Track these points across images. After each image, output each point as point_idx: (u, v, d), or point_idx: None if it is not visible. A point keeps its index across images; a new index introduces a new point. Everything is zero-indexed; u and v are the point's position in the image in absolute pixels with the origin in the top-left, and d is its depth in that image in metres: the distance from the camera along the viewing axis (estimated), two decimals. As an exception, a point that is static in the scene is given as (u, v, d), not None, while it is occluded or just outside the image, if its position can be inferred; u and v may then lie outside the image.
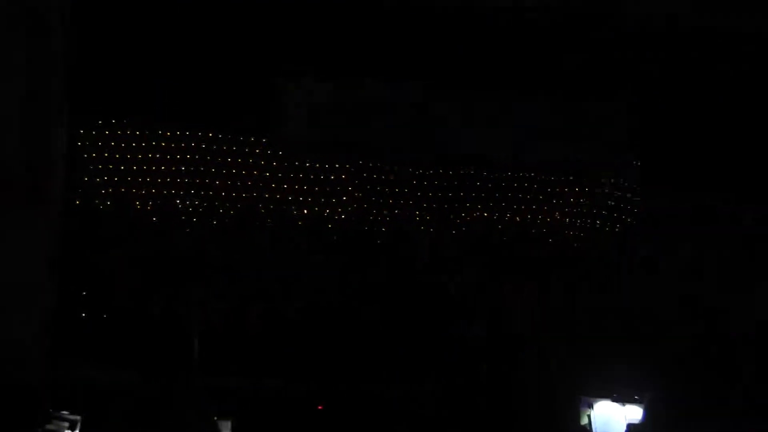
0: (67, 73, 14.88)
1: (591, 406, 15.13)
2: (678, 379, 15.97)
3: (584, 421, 15.49)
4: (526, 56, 16.89)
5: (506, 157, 17.96)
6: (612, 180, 19.12)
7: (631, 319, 17.26)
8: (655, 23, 16.08)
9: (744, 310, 17.17)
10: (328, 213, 19.26)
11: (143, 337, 16.07)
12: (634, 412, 14.56)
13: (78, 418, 12.45)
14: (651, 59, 16.88)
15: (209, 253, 17.41)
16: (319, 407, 14.89)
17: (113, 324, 16.52)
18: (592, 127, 17.90)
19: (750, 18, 15.99)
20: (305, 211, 19.13)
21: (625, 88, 17.32)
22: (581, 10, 15.84)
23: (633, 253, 18.59)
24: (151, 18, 15.80)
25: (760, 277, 17.79)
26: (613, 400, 15.55)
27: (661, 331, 17.06)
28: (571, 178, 19.42)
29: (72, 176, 16.24)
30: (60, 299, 14.99)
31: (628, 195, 19.71)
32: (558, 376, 16.47)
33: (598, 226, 19.75)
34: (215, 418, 12.86)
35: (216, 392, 14.26)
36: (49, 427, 11.97)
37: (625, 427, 14.13)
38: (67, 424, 12.01)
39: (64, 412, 12.77)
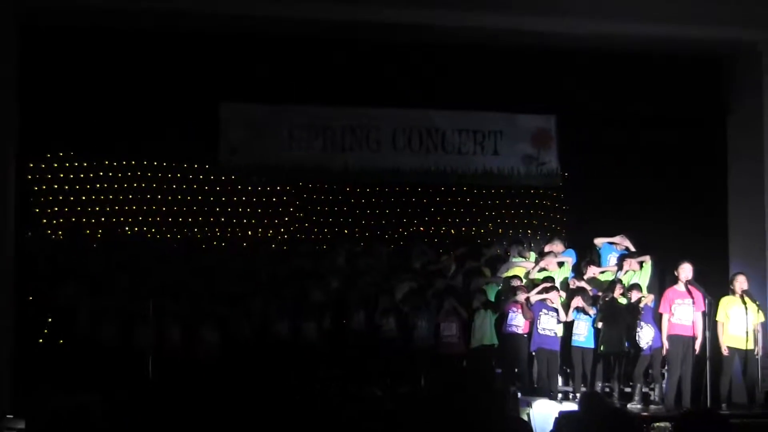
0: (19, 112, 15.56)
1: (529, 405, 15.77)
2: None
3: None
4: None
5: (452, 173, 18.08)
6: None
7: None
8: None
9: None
10: (271, 233, 19.83)
11: (101, 361, 16.48)
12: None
13: None
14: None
15: (160, 277, 17.85)
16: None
17: (71, 350, 16.92)
18: None
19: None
20: (249, 233, 19.70)
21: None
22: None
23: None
24: (94, 54, 16.37)
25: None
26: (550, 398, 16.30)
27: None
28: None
29: (23, 208, 16.72)
30: (18, 329, 15.60)
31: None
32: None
33: None
34: None
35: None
36: None
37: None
38: None
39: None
